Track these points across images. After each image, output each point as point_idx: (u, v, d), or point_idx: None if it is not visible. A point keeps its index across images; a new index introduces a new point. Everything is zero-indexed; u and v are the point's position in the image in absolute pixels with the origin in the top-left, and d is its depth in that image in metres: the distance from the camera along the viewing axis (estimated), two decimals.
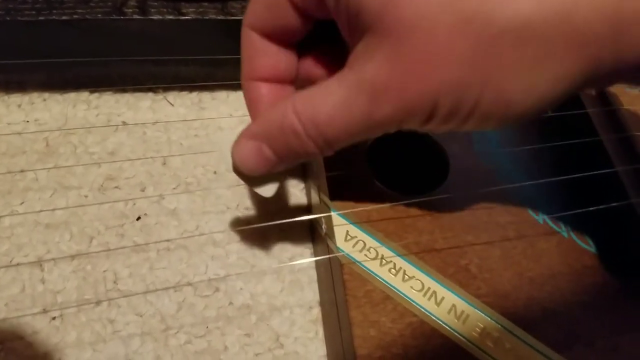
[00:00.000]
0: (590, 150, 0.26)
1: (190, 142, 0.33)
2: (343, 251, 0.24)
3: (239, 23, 0.31)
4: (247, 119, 0.34)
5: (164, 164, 0.32)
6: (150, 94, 0.34)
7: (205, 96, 0.35)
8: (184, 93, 0.35)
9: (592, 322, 0.23)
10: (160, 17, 0.30)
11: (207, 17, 0.30)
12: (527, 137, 0.28)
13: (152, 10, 0.30)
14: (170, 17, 0.30)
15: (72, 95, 0.34)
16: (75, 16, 0.30)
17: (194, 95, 0.35)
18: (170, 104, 0.34)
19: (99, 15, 0.30)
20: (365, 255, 0.24)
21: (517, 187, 0.26)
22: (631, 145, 0.25)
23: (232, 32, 0.31)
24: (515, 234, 0.25)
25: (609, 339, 0.22)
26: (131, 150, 0.32)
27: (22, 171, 0.31)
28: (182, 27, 0.30)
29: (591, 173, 0.26)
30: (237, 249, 0.29)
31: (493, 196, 0.26)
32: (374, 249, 0.24)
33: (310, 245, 0.30)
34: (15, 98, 0.34)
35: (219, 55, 0.31)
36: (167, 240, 0.29)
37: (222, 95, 0.35)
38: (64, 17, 0.30)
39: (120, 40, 0.31)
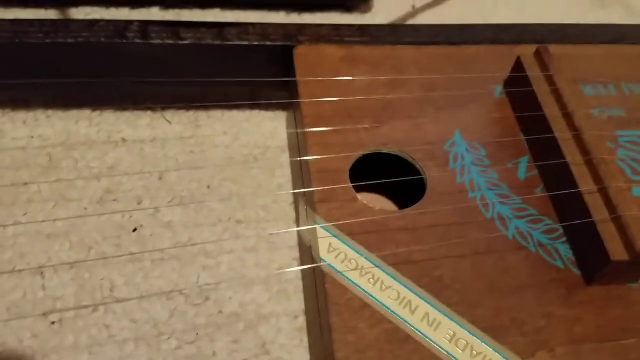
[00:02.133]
0: (556, 172, 0.28)
1: (186, 158, 0.35)
2: (326, 262, 0.25)
3: (234, 48, 0.33)
4: (240, 137, 0.36)
5: (160, 178, 0.33)
6: (149, 113, 0.36)
7: (201, 115, 0.37)
8: (181, 112, 0.37)
9: (555, 331, 0.25)
10: (160, 42, 0.32)
11: (204, 42, 0.32)
12: (499, 156, 0.30)
13: (153, 34, 0.32)
14: (170, 41, 0.32)
15: (74, 113, 0.36)
16: (80, 39, 0.32)
17: (191, 113, 0.37)
18: (168, 122, 0.36)
19: (103, 39, 0.32)
20: (347, 265, 0.26)
21: (489, 205, 0.28)
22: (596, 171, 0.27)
23: (227, 55, 0.33)
24: (486, 249, 0.27)
25: (571, 347, 0.24)
26: (130, 166, 0.34)
27: (25, 184, 0.32)
28: (181, 51, 0.32)
29: (559, 192, 0.28)
30: (227, 259, 0.31)
31: (466, 213, 0.28)
32: (355, 260, 0.26)
33: (297, 257, 0.32)
34: (21, 115, 0.35)
35: (215, 78, 0.33)
36: (162, 251, 0.31)
37: (217, 114, 0.37)
38: (69, 40, 0.32)
39: (122, 62, 0.33)
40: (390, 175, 0.29)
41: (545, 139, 0.29)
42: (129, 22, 0.32)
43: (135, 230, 0.31)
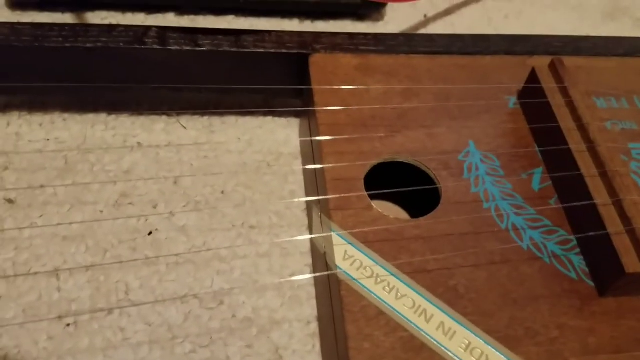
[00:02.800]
0: (571, 184, 0.29)
1: (200, 163, 0.35)
2: (341, 269, 0.26)
3: (250, 55, 0.33)
4: (254, 143, 0.36)
5: (175, 183, 0.34)
6: (165, 118, 0.37)
7: (216, 120, 0.37)
8: (196, 117, 0.37)
9: (569, 342, 0.25)
10: (178, 48, 0.32)
11: (222, 49, 0.33)
12: (513, 167, 0.30)
13: (171, 41, 0.32)
14: (188, 48, 0.32)
15: (91, 117, 0.36)
16: (98, 44, 0.32)
17: (205, 119, 0.37)
18: (183, 127, 0.36)
19: (121, 44, 0.32)
20: (362, 273, 0.26)
21: (503, 215, 0.28)
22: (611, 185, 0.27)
23: (243, 62, 0.34)
24: (500, 259, 0.27)
25: (584, 358, 0.24)
26: (145, 170, 0.34)
27: (42, 186, 0.33)
28: (198, 57, 0.33)
29: (573, 204, 0.28)
30: (241, 264, 0.31)
31: (480, 223, 0.28)
32: (370, 268, 0.26)
33: (310, 263, 0.32)
34: (37, 117, 0.36)
35: (231, 84, 0.34)
36: (176, 255, 0.31)
37: (231, 120, 0.37)
38: (88, 45, 0.32)
39: (139, 68, 0.33)
40: (404, 184, 0.29)
41: (560, 150, 0.29)
42: (147, 28, 0.33)
43: (150, 233, 0.32)
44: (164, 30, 0.33)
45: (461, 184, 0.29)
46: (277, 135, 0.37)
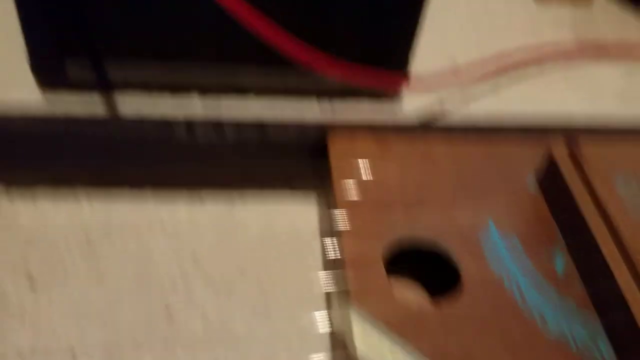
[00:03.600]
0: (594, 268, 0.28)
1: (220, 239, 0.35)
2: (360, 350, 0.25)
3: (273, 145, 0.34)
4: (273, 221, 0.36)
5: (195, 261, 0.34)
6: (186, 195, 0.37)
7: (236, 198, 0.38)
8: (217, 194, 0.38)
9: None
10: (206, 140, 0.34)
11: (246, 139, 0.34)
12: (535, 249, 0.30)
13: (198, 133, 0.34)
14: (214, 140, 0.34)
15: (114, 194, 0.37)
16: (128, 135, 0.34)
17: (226, 196, 0.38)
18: (204, 204, 0.37)
19: (150, 135, 0.34)
20: (381, 355, 0.25)
21: (526, 297, 0.28)
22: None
23: (267, 152, 0.35)
24: (525, 343, 0.26)
25: None
26: (165, 248, 0.34)
27: (63, 262, 0.33)
28: (223, 147, 0.34)
29: (598, 288, 0.28)
30: (259, 345, 0.31)
31: (502, 306, 0.27)
32: (390, 351, 0.25)
33: (328, 344, 0.31)
34: (62, 196, 0.37)
35: (254, 168, 0.34)
36: (193, 334, 0.31)
37: (251, 197, 0.38)
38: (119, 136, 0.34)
39: (166, 154, 0.35)
40: (424, 259, 0.29)
41: (581, 233, 0.29)
42: (176, 121, 0.34)
43: (168, 314, 0.31)
44: (191, 123, 0.34)
45: (481, 263, 0.29)
46: (297, 214, 0.38)
